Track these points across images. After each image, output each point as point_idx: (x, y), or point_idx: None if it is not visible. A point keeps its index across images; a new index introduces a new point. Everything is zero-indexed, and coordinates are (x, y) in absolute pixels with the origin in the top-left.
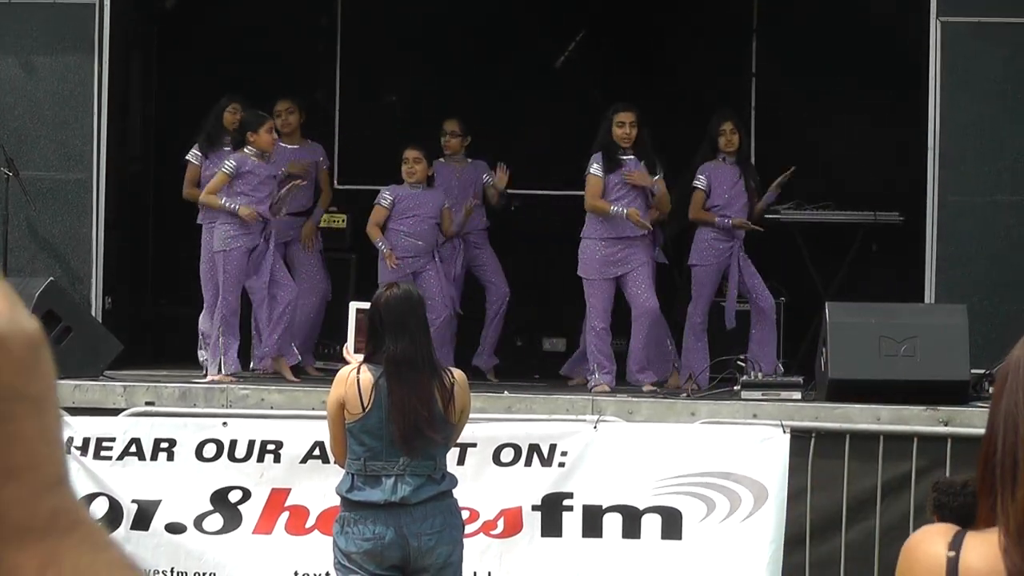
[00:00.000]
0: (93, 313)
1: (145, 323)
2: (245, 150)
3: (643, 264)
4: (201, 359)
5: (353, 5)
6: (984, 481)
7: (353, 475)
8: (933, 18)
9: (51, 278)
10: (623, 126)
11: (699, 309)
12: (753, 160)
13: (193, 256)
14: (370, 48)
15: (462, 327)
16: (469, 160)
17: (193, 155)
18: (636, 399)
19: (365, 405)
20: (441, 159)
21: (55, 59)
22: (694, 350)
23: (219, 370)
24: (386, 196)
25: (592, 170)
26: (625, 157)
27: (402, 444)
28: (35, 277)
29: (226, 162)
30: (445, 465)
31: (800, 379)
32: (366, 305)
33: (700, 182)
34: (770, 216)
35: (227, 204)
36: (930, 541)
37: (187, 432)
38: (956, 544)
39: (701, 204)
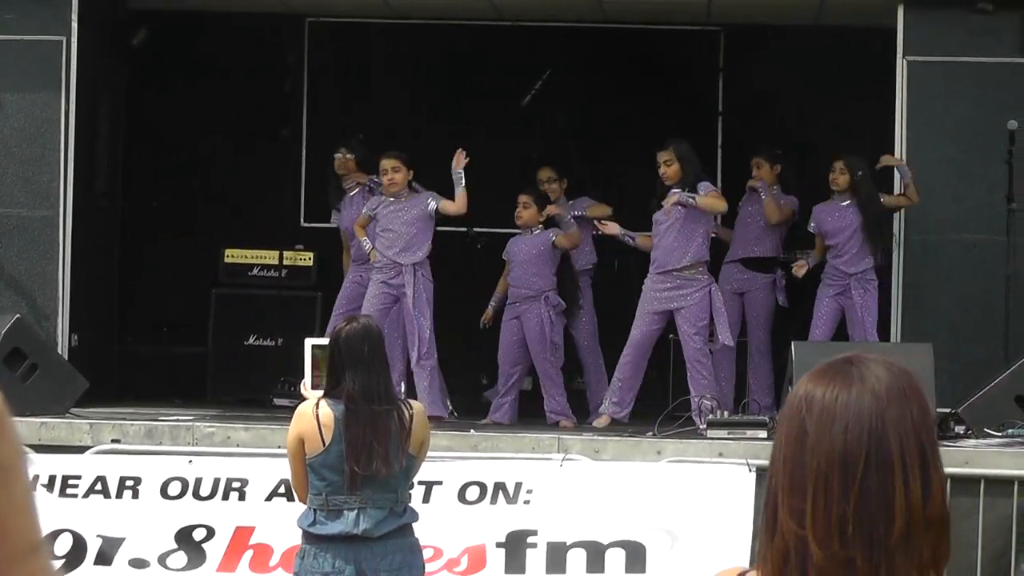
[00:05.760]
0: (59, 350)
1: (111, 360)
2: None
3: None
4: None
5: (320, 43)
6: (763, 524)
7: (315, 509)
8: (900, 57)
9: (17, 315)
10: (659, 166)
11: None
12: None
13: (159, 294)
14: (337, 87)
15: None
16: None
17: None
18: (602, 437)
19: (325, 440)
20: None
21: (22, 96)
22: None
23: None
24: None
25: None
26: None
27: (351, 481)
28: (1, 314)
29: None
30: (408, 499)
31: (766, 418)
32: (321, 341)
33: (811, 227)
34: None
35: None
36: None
37: (152, 470)
38: None
39: (820, 246)
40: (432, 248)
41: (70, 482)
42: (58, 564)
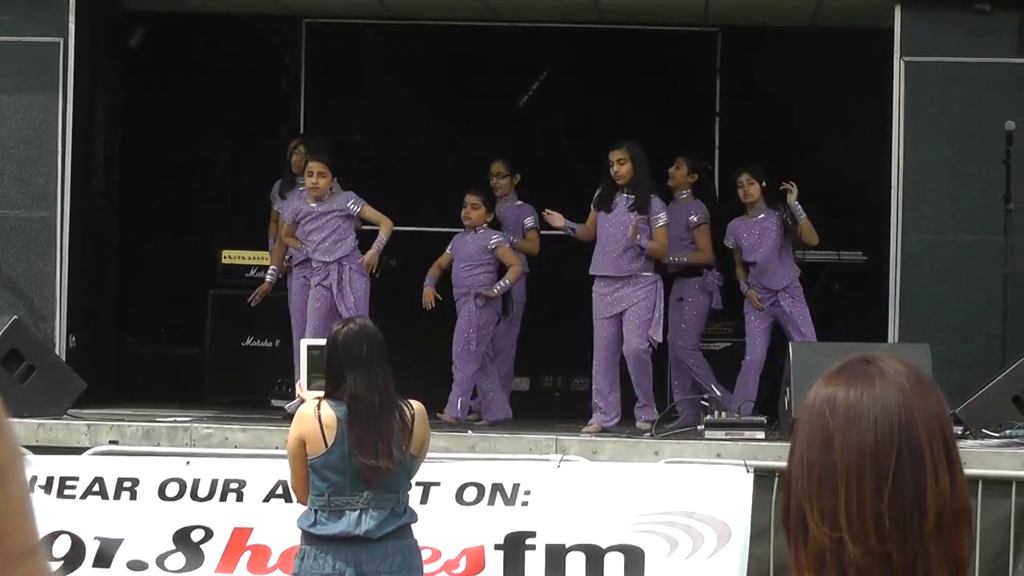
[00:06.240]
0: (57, 352)
1: (109, 361)
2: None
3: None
4: None
5: (317, 44)
6: (787, 535)
7: (316, 510)
8: (897, 58)
9: (15, 316)
10: (612, 164)
11: (750, 355)
12: (717, 199)
13: (157, 295)
14: (334, 87)
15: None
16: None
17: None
18: (600, 438)
19: (328, 441)
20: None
21: (20, 97)
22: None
23: None
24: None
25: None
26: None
27: (365, 480)
28: None
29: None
30: (408, 499)
31: (764, 419)
32: (317, 342)
33: (728, 242)
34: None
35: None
36: None
37: (150, 471)
38: None
39: (740, 261)
40: (356, 243)
41: (68, 483)
42: (56, 566)
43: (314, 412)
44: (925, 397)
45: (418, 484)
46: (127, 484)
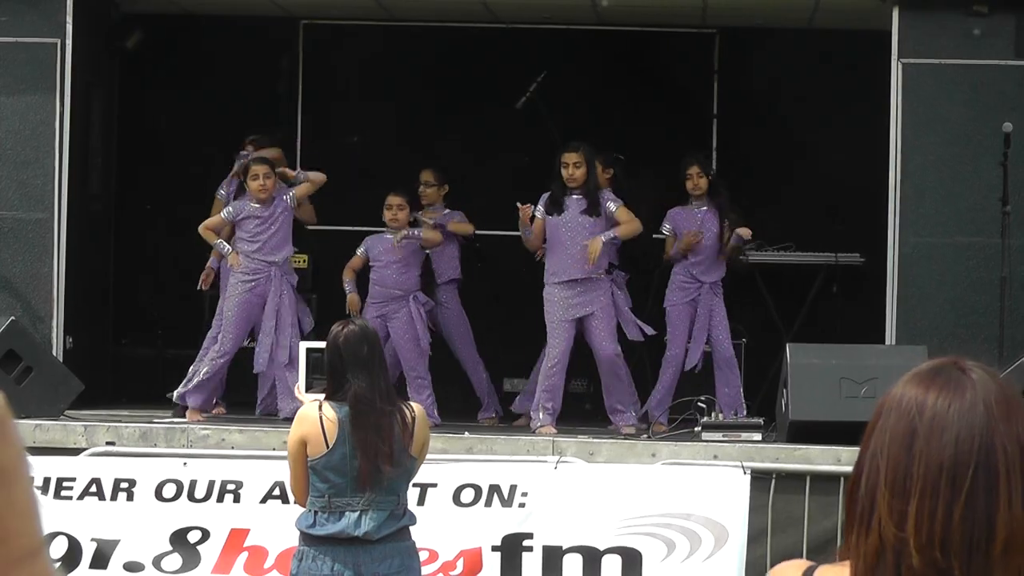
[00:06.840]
0: (54, 353)
1: (106, 363)
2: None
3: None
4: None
5: (314, 45)
6: (848, 517)
7: (316, 511)
8: (894, 60)
9: (12, 318)
10: (567, 167)
11: (672, 349)
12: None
13: (154, 296)
14: (331, 88)
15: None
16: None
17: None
18: (597, 440)
19: (329, 443)
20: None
21: (17, 98)
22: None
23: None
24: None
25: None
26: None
27: (366, 481)
28: None
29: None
30: (407, 501)
31: (761, 420)
32: (316, 345)
33: (666, 228)
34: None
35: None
36: (784, 573)
37: (147, 472)
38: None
39: (670, 248)
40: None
41: (64, 484)
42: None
43: (315, 413)
44: (1009, 419)
45: (415, 485)
46: (124, 485)
